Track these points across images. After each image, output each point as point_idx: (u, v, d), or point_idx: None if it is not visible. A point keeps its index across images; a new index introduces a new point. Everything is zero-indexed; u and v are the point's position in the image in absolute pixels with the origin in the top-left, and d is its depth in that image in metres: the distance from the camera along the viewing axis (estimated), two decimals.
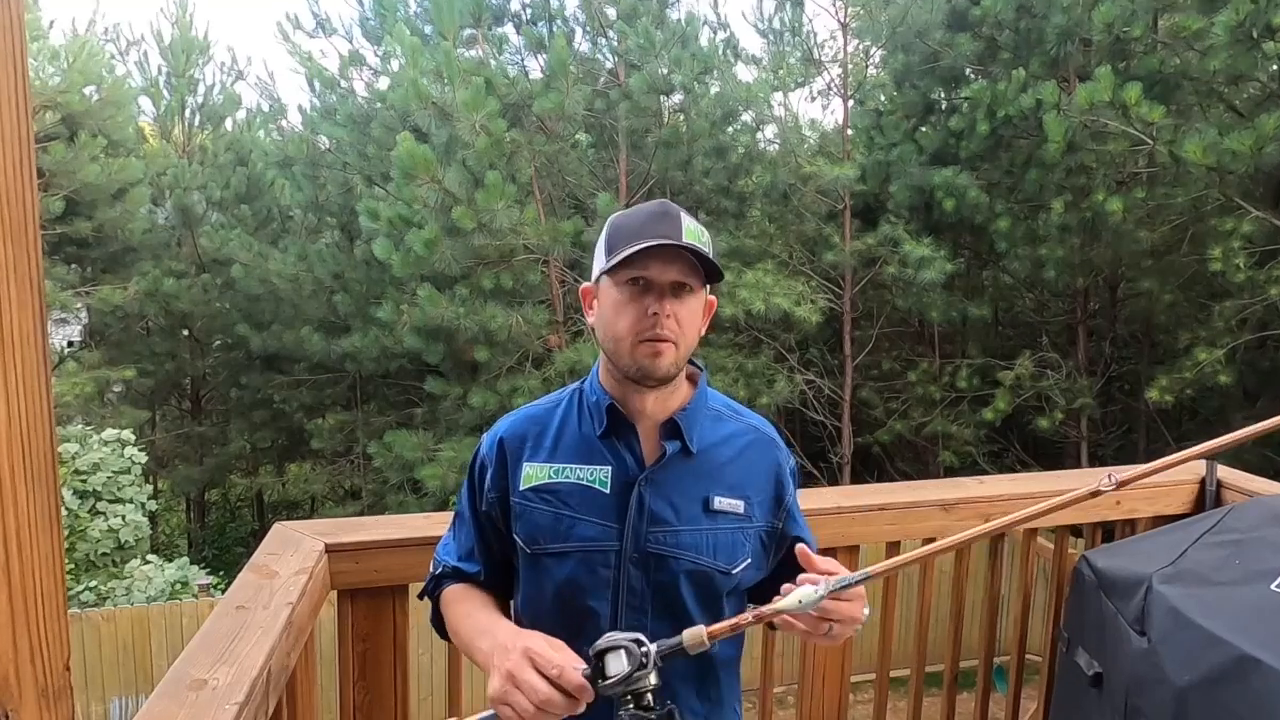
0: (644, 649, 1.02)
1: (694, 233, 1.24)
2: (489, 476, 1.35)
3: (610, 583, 1.27)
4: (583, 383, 1.38)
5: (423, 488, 9.77)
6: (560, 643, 1.11)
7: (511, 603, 1.39)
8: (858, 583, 1.08)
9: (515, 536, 1.31)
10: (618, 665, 1.01)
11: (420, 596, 1.48)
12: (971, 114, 9.66)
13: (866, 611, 1.18)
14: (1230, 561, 1.72)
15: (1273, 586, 1.59)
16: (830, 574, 1.10)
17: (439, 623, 1.38)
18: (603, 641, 1.04)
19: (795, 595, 1.06)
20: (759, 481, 1.34)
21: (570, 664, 1.06)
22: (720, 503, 1.30)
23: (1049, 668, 2.19)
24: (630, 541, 1.27)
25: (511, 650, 1.09)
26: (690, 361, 1.37)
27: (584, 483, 1.29)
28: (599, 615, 1.27)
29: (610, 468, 1.29)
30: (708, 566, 1.27)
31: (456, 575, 1.38)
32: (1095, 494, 1.11)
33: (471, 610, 1.31)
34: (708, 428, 1.34)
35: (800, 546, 1.14)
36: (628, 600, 1.27)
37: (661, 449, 1.30)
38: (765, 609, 1.06)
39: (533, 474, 1.31)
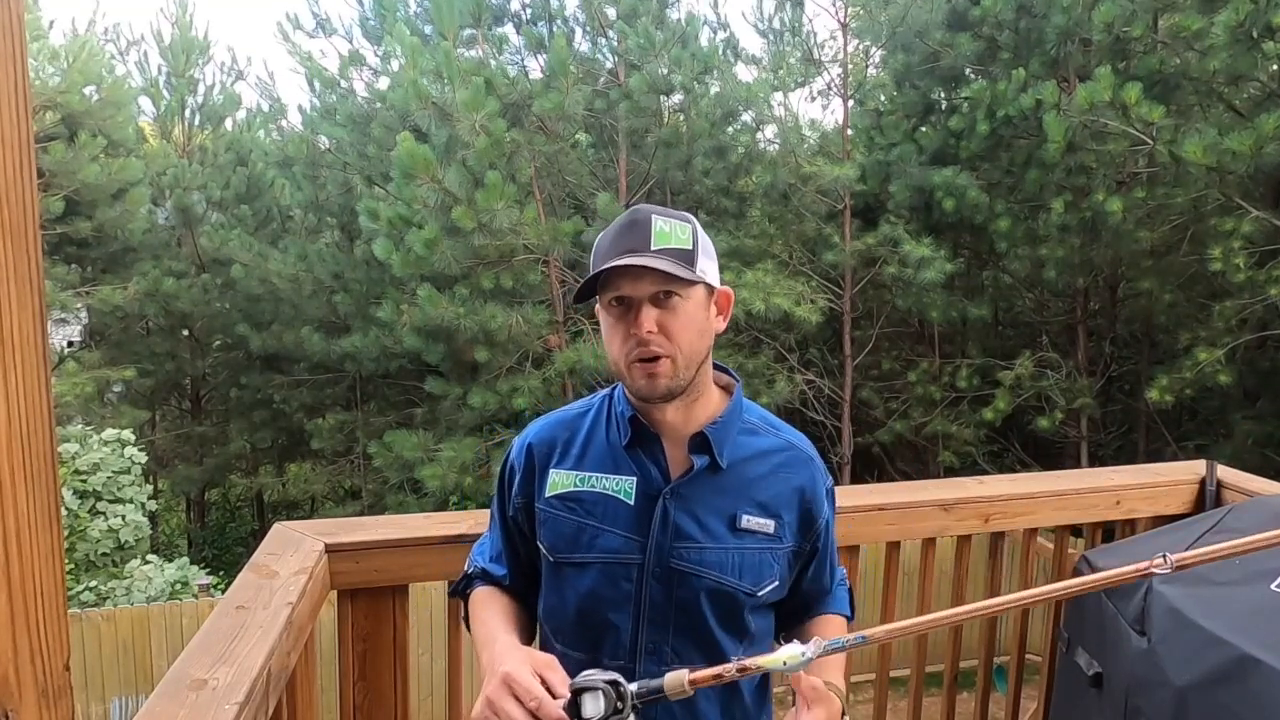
0: (620, 689, 1.00)
1: (665, 234, 1.18)
2: (517, 481, 1.34)
3: (631, 597, 1.24)
4: (614, 389, 1.34)
5: (423, 488, 9.77)
6: (550, 659, 1.10)
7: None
8: (848, 646, 1.04)
9: (540, 543, 1.30)
10: (594, 707, 1.00)
11: (451, 594, 1.47)
12: (971, 114, 9.66)
13: None
14: (1230, 561, 1.72)
15: (1273, 586, 1.59)
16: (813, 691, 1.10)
17: (470, 622, 1.38)
18: (579, 680, 1.03)
19: (781, 654, 1.04)
20: (791, 501, 1.28)
21: (557, 685, 1.05)
22: (748, 521, 1.25)
23: (1049, 668, 2.19)
24: (653, 556, 1.24)
25: (495, 674, 1.08)
26: (726, 371, 1.34)
27: (609, 493, 1.26)
28: (619, 629, 1.25)
29: (635, 479, 1.26)
30: (731, 587, 1.24)
31: (485, 577, 1.37)
32: (1147, 575, 1.06)
33: (487, 617, 1.30)
34: (740, 442, 1.29)
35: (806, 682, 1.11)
36: (649, 615, 1.24)
37: (689, 462, 1.26)
38: (749, 661, 1.04)
39: (559, 481, 1.29)
